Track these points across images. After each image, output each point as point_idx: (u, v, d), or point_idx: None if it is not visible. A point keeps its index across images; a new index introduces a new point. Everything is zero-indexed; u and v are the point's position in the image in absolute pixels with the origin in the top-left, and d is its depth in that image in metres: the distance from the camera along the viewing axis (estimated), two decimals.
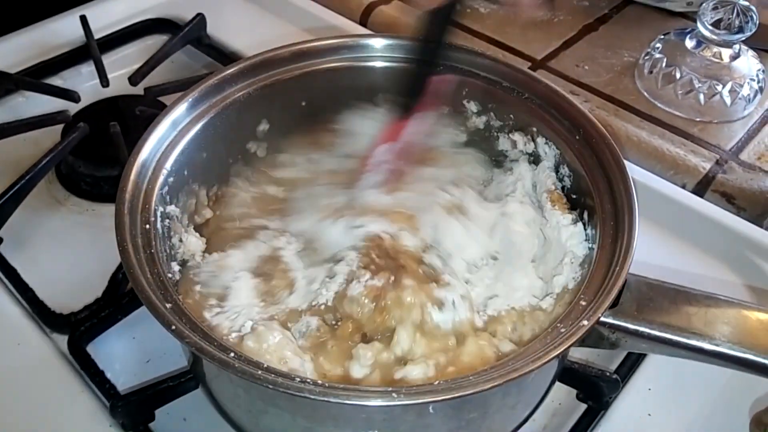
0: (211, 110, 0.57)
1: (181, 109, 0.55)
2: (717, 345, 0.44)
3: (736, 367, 0.44)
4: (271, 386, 0.38)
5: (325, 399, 0.38)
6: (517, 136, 0.60)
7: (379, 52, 0.62)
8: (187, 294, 0.51)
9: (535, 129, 0.59)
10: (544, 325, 0.49)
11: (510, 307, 0.52)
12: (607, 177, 0.51)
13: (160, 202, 0.51)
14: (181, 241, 0.54)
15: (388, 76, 0.62)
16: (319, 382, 0.39)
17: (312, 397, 0.38)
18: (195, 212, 0.57)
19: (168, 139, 0.54)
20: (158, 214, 0.50)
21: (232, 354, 0.40)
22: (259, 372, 0.39)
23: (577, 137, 0.55)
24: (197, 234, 0.56)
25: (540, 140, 0.59)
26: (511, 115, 0.60)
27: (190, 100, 0.55)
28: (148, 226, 0.48)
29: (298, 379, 0.39)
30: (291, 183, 0.61)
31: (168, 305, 0.43)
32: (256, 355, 0.45)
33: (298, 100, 0.62)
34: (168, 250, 0.52)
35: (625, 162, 0.51)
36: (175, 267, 0.52)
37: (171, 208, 0.52)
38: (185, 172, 0.55)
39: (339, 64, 0.62)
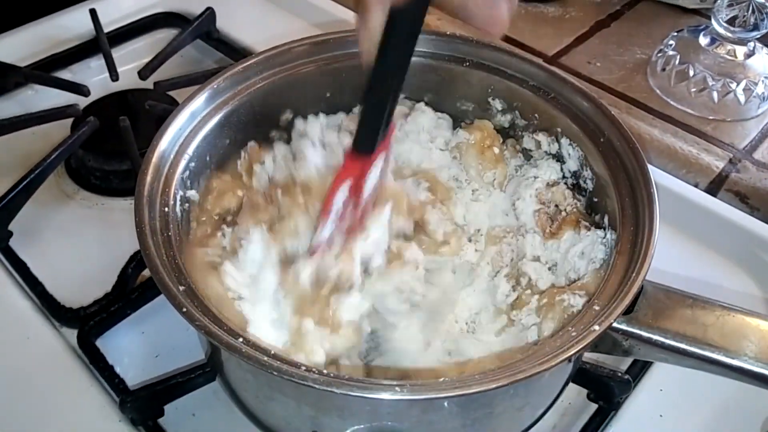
0: (235, 98, 0.57)
1: (206, 95, 0.55)
2: (732, 358, 0.43)
3: (751, 382, 0.43)
4: (275, 373, 0.38)
5: (329, 389, 0.38)
6: (541, 136, 0.60)
7: None
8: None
9: (559, 129, 0.58)
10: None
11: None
12: (629, 181, 0.51)
13: (180, 186, 0.51)
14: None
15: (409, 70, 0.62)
16: (325, 372, 0.39)
17: (316, 386, 0.38)
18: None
19: (191, 125, 0.54)
20: (178, 198, 0.50)
21: (240, 339, 0.40)
22: (266, 358, 0.39)
23: (602, 139, 0.54)
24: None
25: (564, 141, 0.58)
26: (536, 114, 0.60)
27: (215, 86, 0.56)
28: (166, 209, 0.48)
29: (303, 368, 0.39)
30: None
31: (181, 288, 0.43)
32: None
33: (323, 90, 0.62)
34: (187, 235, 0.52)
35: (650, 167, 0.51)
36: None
37: (191, 193, 0.53)
38: (207, 158, 0.55)
39: None
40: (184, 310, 0.41)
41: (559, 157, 0.59)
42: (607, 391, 0.55)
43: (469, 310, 0.55)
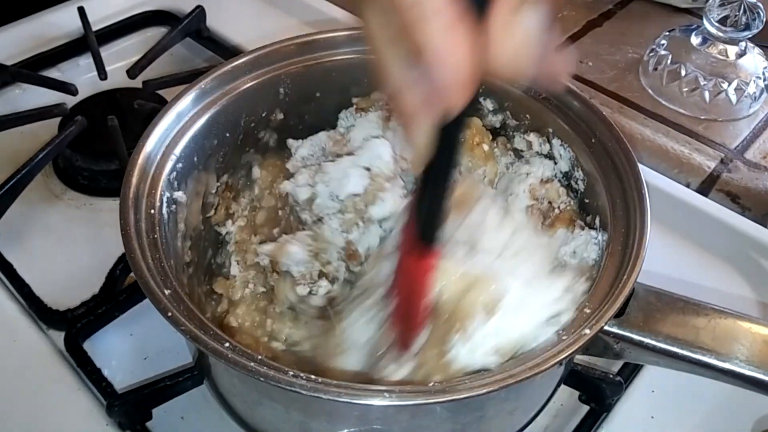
0: (224, 97, 0.56)
1: (193, 95, 0.54)
2: (724, 361, 0.43)
3: (742, 385, 0.43)
4: (262, 379, 0.38)
5: (316, 395, 0.37)
6: (532, 137, 0.59)
7: None
8: None
9: (551, 130, 0.58)
10: None
11: None
12: (620, 182, 0.50)
13: (167, 187, 0.50)
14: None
15: None
16: (312, 377, 0.38)
17: (303, 392, 0.37)
18: (204, 199, 0.57)
19: (178, 126, 0.53)
20: (164, 199, 0.49)
21: (227, 344, 0.40)
22: (252, 364, 0.39)
23: (593, 140, 0.54)
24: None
25: (555, 141, 0.58)
26: (528, 115, 0.59)
27: (203, 86, 0.55)
28: (153, 211, 0.48)
29: (291, 373, 0.38)
30: None
31: (167, 291, 0.42)
32: None
33: (313, 90, 0.61)
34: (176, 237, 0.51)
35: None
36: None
37: (178, 194, 0.52)
38: (195, 159, 0.54)
39: (354, 56, 0.61)
40: (170, 314, 0.41)
41: (550, 158, 0.59)
42: (598, 392, 0.55)
43: None
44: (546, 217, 0.56)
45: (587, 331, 0.41)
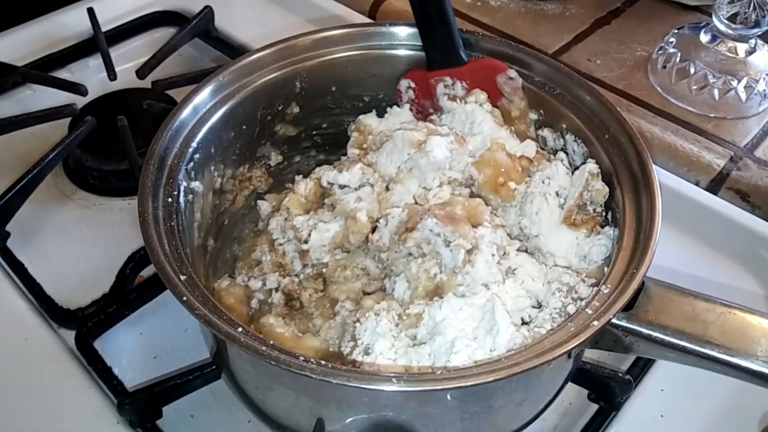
0: (241, 91, 0.57)
1: (211, 88, 0.55)
2: (733, 356, 0.42)
3: (752, 380, 0.43)
4: (273, 362, 0.38)
5: (326, 379, 0.38)
6: (546, 132, 0.59)
7: (404, 40, 0.62)
8: None
9: (565, 125, 0.58)
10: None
11: None
12: (633, 178, 0.51)
13: (184, 177, 0.51)
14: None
15: (412, 64, 0.63)
16: (322, 362, 0.39)
17: (314, 376, 0.38)
18: (221, 190, 0.58)
19: (196, 117, 0.54)
20: (182, 189, 0.50)
21: (240, 329, 0.40)
22: (264, 348, 0.39)
23: (606, 136, 0.54)
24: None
25: (569, 137, 0.58)
26: (541, 111, 0.60)
27: (220, 79, 0.56)
28: (170, 200, 0.48)
29: (302, 358, 0.39)
30: None
31: (182, 277, 0.43)
32: None
33: (328, 84, 0.62)
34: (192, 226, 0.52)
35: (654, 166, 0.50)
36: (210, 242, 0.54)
37: (195, 184, 0.52)
38: (212, 150, 0.55)
39: (369, 51, 0.62)
40: (185, 299, 0.41)
41: (564, 153, 0.59)
42: (607, 391, 0.55)
43: None
44: (579, 210, 0.54)
45: (595, 323, 0.41)
